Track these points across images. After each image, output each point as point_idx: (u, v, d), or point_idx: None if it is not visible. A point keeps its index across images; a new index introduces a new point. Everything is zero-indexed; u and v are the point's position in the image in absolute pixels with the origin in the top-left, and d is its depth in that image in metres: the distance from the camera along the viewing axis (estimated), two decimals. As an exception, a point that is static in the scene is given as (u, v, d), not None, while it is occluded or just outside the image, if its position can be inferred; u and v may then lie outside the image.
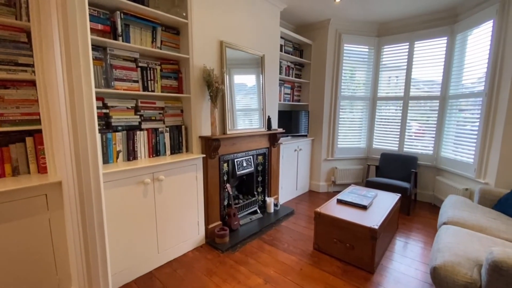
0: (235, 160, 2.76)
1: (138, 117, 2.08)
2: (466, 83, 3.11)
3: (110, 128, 1.92)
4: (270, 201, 3.12)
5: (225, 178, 2.66)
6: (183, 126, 2.35)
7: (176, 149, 2.33)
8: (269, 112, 3.19)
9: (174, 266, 2.10)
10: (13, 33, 1.52)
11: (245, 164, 2.88)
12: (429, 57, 3.52)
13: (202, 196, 2.40)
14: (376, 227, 1.99)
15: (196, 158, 2.27)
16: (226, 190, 2.65)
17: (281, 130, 3.15)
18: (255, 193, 3.10)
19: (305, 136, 4.05)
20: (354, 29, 3.80)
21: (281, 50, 3.47)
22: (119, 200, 1.80)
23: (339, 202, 2.55)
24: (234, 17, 2.62)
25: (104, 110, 1.88)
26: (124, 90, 1.95)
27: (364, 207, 2.39)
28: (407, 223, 2.98)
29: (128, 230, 1.87)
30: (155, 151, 2.19)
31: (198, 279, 1.95)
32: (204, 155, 2.35)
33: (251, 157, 2.97)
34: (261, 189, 3.18)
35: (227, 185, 2.64)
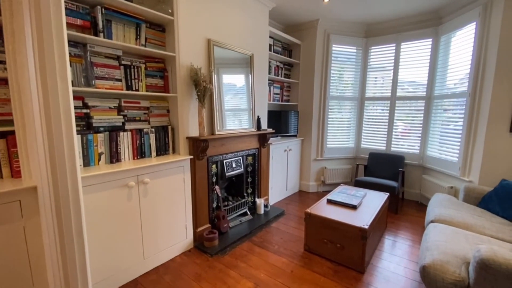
0: (224, 161, 2.71)
1: (121, 117, 1.99)
2: (450, 84, 3.19)
3: (91, 129, 1.82)
4: (260, 202, 3.08)
5: (214, 179, 2.60)
6: (170, 127, 2.28)
7: (162, 150, 2.25)
8: (258, 112, 3.15)
9: (160, 272, 2.03)
10: (-19, 26, 1.40)
11: (234, 165, 2.83)
12: (415, 58, 3.59)
13: (190, 198, 2.33)
14: (366, 227, 1.99)
15: (183, 159, 2.20)
16: (215, 192, 2.59)
17: (271, 130, 3.11)
18: (245, 194, 3.05)
19: (294, 136, 4.04)
20: (342, 29, 3.83)
21: (270, 50, 3.44)
22: (102, 205, 1.71)
23: (329, 202, 2.54)
24: (222, 14, 2.56)
25: (84, 110, 1.78)
26: (106, 89, 1.86)
27: (353, 207, 2.40)
28: (396, 222, 3.02)
29: (111, 236, 1.78)
30: (140, 153, 2.10)
31: (186, 285, 1.88)
32: (191, 157, 2.28)
33: (241, 158, 2.92)
34: (251, 190, 3.13)
35: (216, 187, 2.58)
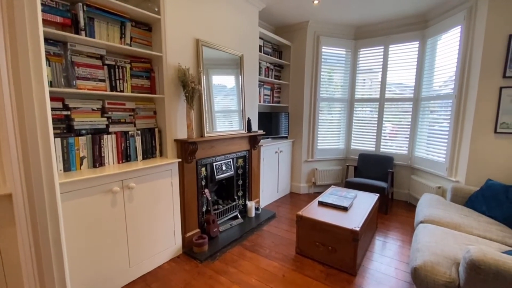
0: (214, 164, 2.65)
1: (105, 119, 1.90)
2: (436, 86, 3.25)
3: (72, 132, 1.73)
4: (251, 205, 3.03)
5: (203, 183, 2.53)
6: (157, 129, 2.20)
7: (149, 153, 2.17)
8: (249, 113, 3.11)
9: (148, 281, 1.94)
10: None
11: (224, 167, 2.77)
12: (402, 60, 3.65)
13: (178, 203, 2.25)
14: (357, 229, 1.98)
15: (171, 163, 2.13)
16: (205, 195, 2.53)
17: (261, 132, 3.08)
18: (236, 197, 3.00)
19: (285, 137, 4.02)
20: (332, 31, 3.85)
21: (260, 51, 3.41)
22: (84, 211, 1.62)
23: (320, 204, 2.52)
24: (211, 14, 2.51)
25: (64, 112, 1.69)
26: (88, 90, 1.77)
27: (345, 209, 2.39)
28: (386, 222, 3.04)
29: (94, 245, 1.69)
30: (125, 157, 2.02)
31: (174, 294, 1.81)
32: (180, 160, 2.21)
33: (231, 160, 2.87)
34: (241, 193, 3.08)
35: (206, 190, 2.52)
